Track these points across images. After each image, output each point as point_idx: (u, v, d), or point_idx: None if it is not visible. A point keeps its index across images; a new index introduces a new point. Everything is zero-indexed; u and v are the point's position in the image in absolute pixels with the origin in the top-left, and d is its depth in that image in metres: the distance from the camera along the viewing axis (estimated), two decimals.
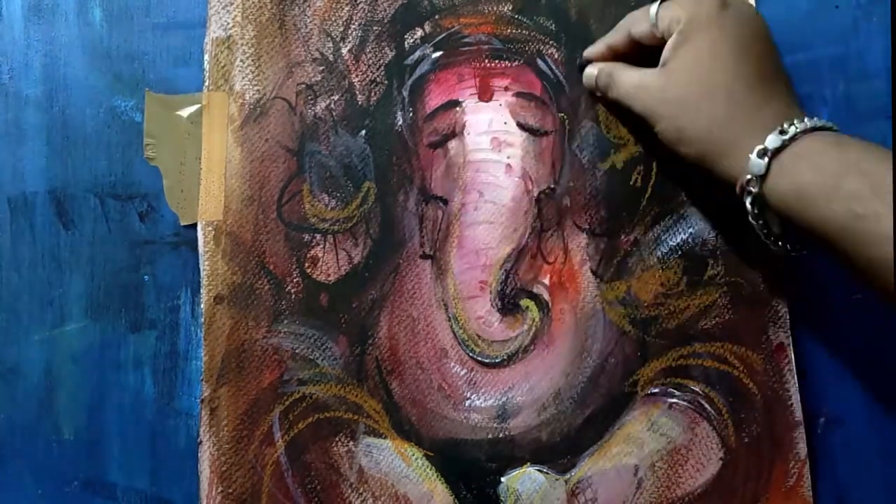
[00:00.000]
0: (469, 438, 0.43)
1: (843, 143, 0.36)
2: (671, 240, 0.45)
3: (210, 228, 0.45)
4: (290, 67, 0.47)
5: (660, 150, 0.42)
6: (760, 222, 0.39)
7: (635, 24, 0.42)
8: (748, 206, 0.38)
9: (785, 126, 0.37)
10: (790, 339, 0.43)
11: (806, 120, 0.37)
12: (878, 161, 0.35)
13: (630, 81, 0.42)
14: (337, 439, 0.43)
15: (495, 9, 0.47)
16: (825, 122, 0.38)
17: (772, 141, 0.37)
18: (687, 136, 0.39)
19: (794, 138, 0.37)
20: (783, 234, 0.39)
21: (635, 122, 0.43)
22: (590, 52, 0.45)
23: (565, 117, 0.46)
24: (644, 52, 0.42)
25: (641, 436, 0.43)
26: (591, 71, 0.45)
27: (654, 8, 0.41)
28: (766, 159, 0.37)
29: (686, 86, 0.39)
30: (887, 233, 0.33)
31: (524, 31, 0.47)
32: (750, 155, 0.37)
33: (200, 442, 0.43)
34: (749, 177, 0.37)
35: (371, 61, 0.46)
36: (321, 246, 0.45)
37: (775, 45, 0.41)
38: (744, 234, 0.44)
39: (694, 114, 0.39)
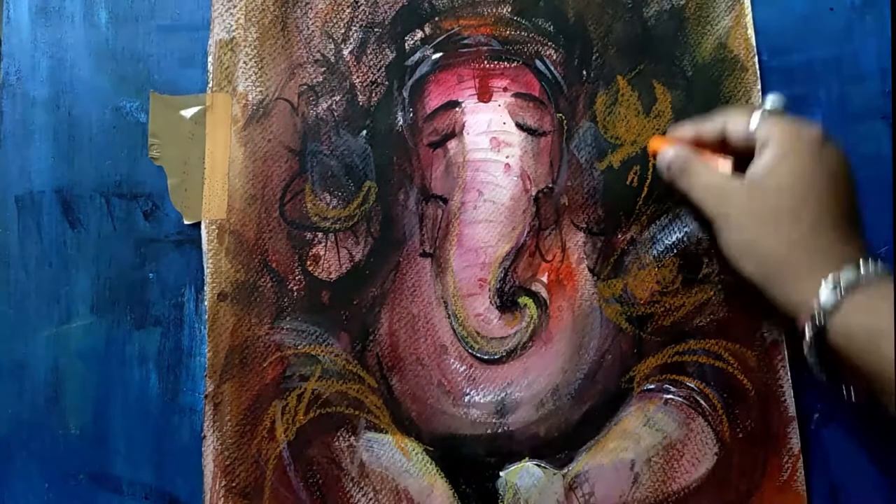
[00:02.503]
0: (468, 433, 0.44)
1: None
2: (667, 238, 0.45)
3: (213, 227, 0.46)
4: (292, 69, 0.47)
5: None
6: (815, 359, 0.37)
7: (732, 121, 0.41)
8: (807, 337, 0.37)
9: (860, 265, 0.36)
10: (783, 335, 0.44)
11: (880, 263, 0.37)
12: None
13: (709, 182, 0.41)
14: (338, 434, 0.44)
15: (494, 11, 0.47)
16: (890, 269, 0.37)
17: (847, 275, 0.36)
18: (757, 252, 0.38)
19: (868, 276, 0.36)
20: (835, 372, 0.38)
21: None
22: (675, 132, 0.44)
23: (563, 118, 0.46)
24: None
25: (638, 431, 0.44)
26: (667, 155, 0.43)
27: (756, 116, 0.40)
28: (839, 294, 0.36)
29: (773, 205, 0.38)
30: None
31: (523, 33, 0.47)
32: (822, 285, 0.36)
33: (204, 436, 0.44)
34: (816, 308, 0.36)
35: (372, 62, 0.47)
36: (323, 244, 0.46)
37: (856, 188, 0.40)
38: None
39: (772, 234, 0.38)
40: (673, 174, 0.43)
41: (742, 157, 0.41)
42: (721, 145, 0.42)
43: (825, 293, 0.36)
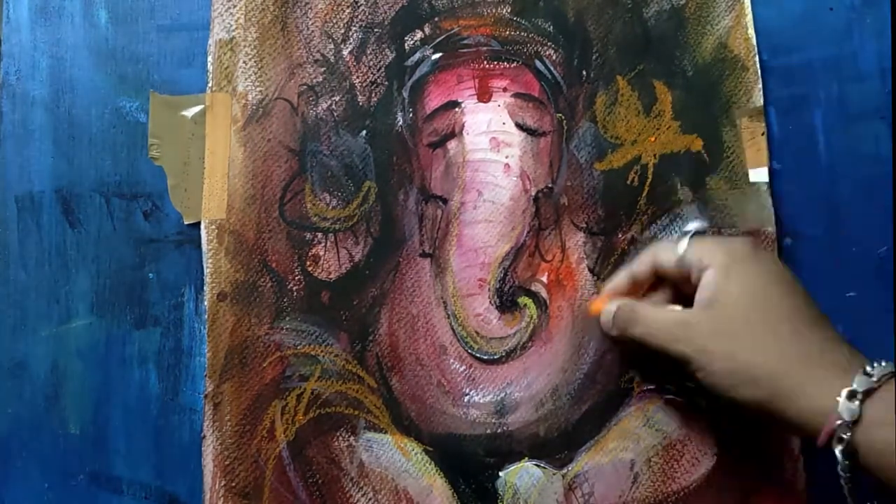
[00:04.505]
0: (468, 433, 0.44)
1: None
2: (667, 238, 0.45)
3: (213, 227, 0.46)
4: (291, 69, 0.47)
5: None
6: (848, 475, 0.34)
7: (660, 254, 0.40)
8: (838, 455, 0.34)
9: (868, 368, 0.34)
10: None
11: (883, 363, 0.34)
12: None
13: (664, 320, 0.38)
14: (338, 434, 0.44)
15: (494, 11, 0.47)
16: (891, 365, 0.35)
17: (860, 383, 0.33)
18: (751, 376, 0.35)
19: (880, 381, 0.33)
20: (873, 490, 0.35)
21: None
22: (610, 286, 0.43)
23: (563, 118, 0.46)
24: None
25: (637, 431, 0.44)
26: (609, 307, 0.41)
27: (683, 242, 0.39)
28: (857, 402, 0.33)
29: (743, 320, 0.36)
30: None
31: (522, 33, 0.47)
32: (837, 398, 0.33)
33: (204, 436, 0.44)
34: (839, 422, 0.33)
35: (372, 63, 0.47)
36: (322, 244, 0.46)
37: (803, 288, 0.38)
38: (739, 233, 0.45)
39: (757, 351, 0.35)
40: (622, 327, 0.40)
41: (680, 290, 0.40)
42: (654, 285, 0.41)
43: (844, 406, 0.33)
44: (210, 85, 0.47)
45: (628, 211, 0.45)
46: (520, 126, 0.46)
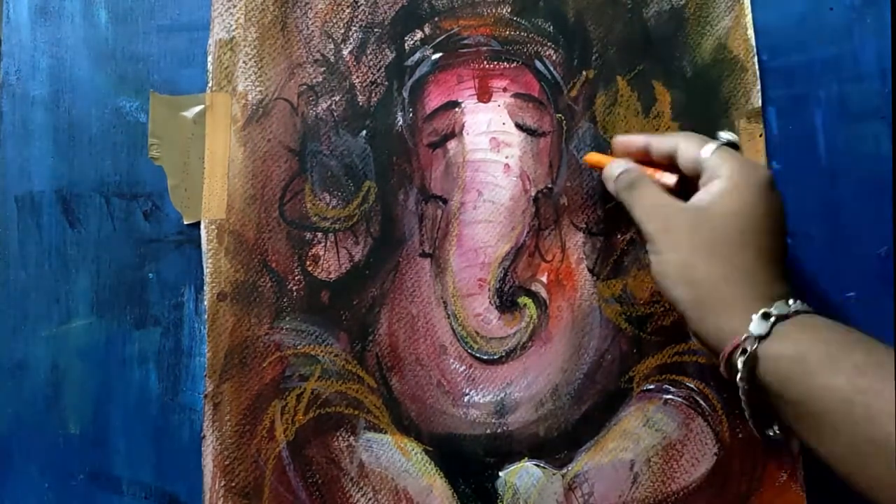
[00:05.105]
0: (468, 433, 0.44)
1: (840, 326, 0.36)
2: None
3: (213, 227, 0.46)
4: (291, 68, 0.47)
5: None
6: (746, 387, 0.36)
7: (686, 144, 0.41)
8: (739, 366, 0.36)
9: (790, 301, 0.37)
10: None
11: (803, 303, 0.37)
12: (876, 343, 0.35)
13: (654, 201, 0.40)
14: (338, 434, 0.44)
15: (494, 11, 0.47)
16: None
17: (778, 308, 0.36)
18: (692, 277, 0.38)
19: (797, 311, 0.36)
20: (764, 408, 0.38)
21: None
22: (625, 140, 0.43)
23: (563, 118, 0.46)
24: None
25: (637, 431, 0.44)
26: (615, 168, 0.42)
27: (710, 147, 0.39)
28: (770, 321, 0.36)
29: (716, 233, 0.38)
30: (888, 409, 0.32)
31: (522, 33, 0.47)
32: (752, 315, 0.36)
33: (204, 436, 0.44)
34: (746, 336, 0.36)
35: (372, 63, 0.47)
36: (322, 244, 0.46)
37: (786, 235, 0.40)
38: None
39: (711, 260, 0.38)
40: (620, 187, 0.42)
41: (685, 179, 0.41)
42: (667, 165, 0.41)
43: (756, 323, 0.36)
44: (210, 85, 0.47)
45: (627, 211, 0.45)
46: (520, 126, 0.47)
